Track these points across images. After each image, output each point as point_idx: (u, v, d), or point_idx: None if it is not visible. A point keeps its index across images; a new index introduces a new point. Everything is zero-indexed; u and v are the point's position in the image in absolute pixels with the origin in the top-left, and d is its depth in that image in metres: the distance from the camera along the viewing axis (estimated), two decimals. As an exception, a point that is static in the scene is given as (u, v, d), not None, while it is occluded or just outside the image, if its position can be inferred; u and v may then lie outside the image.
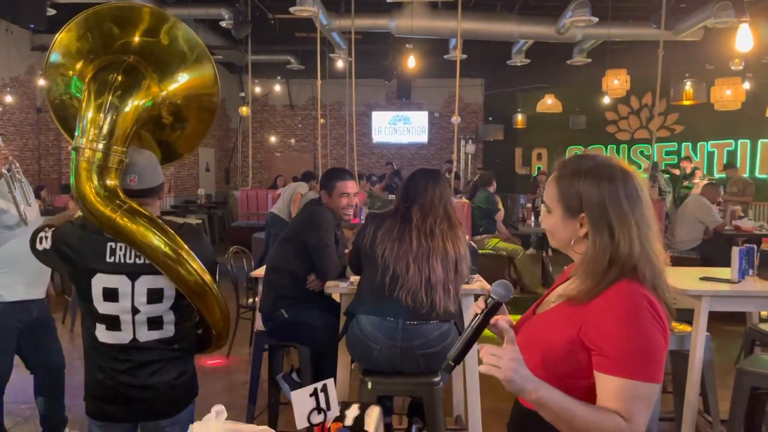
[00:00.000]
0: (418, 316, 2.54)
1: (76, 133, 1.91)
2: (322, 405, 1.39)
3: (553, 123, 13.20)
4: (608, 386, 1.17)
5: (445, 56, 11.10)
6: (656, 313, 1.20)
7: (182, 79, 2.08)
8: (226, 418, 1.45)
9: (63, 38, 1.99)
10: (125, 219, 1.85)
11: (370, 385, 2.56)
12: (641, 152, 12.61)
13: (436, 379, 2.59)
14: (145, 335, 1.92)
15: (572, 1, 8.34)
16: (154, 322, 1.92)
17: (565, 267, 1.47)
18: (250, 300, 4.82)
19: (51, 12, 8.20)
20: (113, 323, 1.90)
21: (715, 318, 2.88)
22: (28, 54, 11.56)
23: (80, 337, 2.07)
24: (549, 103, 12.44)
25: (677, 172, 11.16)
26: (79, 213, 2.00)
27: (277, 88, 14.45)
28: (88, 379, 1.97)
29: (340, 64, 10.96)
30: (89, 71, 2.00)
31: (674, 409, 3.25)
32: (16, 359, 2.86)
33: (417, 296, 2.51)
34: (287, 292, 3.09)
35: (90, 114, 1.90)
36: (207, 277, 1.95)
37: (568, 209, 1.28)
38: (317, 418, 1.39)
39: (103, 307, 1.90)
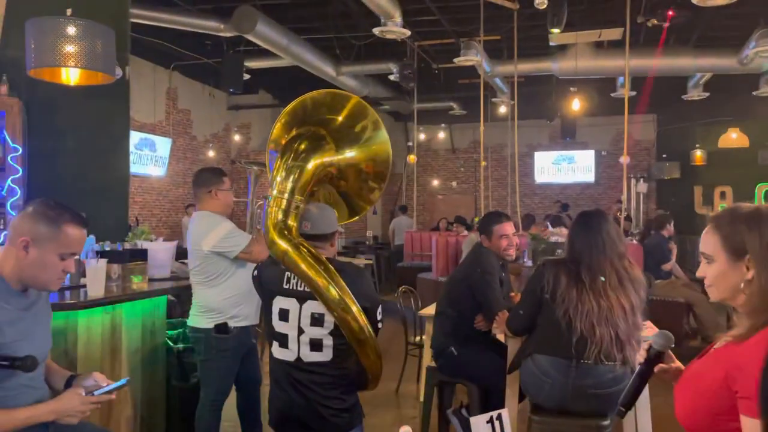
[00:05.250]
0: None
1: (270, 186, 2.41)
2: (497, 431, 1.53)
3: (738, 159, 12.13)
4: (751, 427, 1.19)
5: (612, 94, 10.79)
6: None
7: (360, 155, 2.48)
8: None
9: (283, 114, 2.46)
10: (294, 252, 2.22)
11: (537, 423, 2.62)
12: None
13: (605, 422, 2.59)
14: (308, 355, 2.22)
15: (756, 30, 7.77)
16: (316, 344, 2.22)
17: None
18: (418, 338, 5.05)
19: (246, 77, 9.43)
20: (284, 341, 2.25)
21: None
22: (225, 113, 13.29)
23: (267, 365, 2.43)
24: (733, 137, 11.55)
25: None
26: None
27: (441, 134, 14.94)
28: (271, 393, 2.33)
29: (502, 109, 11.10)
30: (288, 137, 2.44)
31: None
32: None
33: (609, 354, 2.58)
34: (456, 330, 3.26)
35: (280, 172, 2.36)
36: (362, 321, 2.19)
37: (733, 254, 1.31)
38: (492, 444, 1.53)
39: (278, 326, 2.26)
